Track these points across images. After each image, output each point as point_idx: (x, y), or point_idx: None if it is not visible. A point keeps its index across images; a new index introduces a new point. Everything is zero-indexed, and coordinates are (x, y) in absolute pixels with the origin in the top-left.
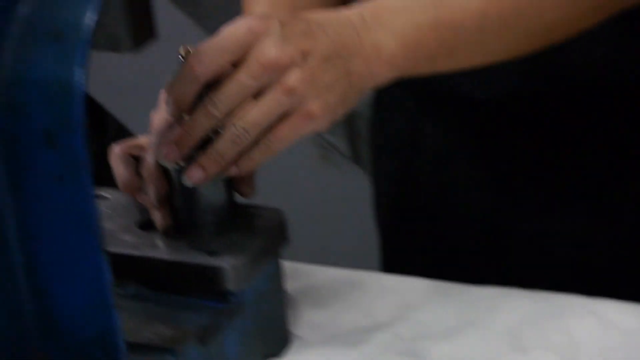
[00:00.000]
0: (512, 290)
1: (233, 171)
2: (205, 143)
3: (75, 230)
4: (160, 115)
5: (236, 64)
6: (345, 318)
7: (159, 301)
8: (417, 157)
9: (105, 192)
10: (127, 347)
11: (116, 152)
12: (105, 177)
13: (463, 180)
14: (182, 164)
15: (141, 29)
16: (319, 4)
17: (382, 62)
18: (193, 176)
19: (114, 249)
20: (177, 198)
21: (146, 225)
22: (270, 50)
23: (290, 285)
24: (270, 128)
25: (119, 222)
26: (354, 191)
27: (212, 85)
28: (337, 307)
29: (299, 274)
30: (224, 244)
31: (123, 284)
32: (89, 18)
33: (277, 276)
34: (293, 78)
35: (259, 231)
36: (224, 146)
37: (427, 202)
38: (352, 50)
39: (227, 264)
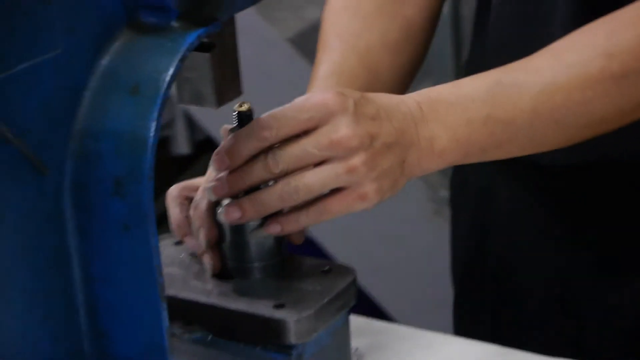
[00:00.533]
0: None
1: (275, 229)
2: (252, 190)
3: (137, 277)
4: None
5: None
6: None
7: (223, 348)
8: (491, 220)
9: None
10: None
11: (172, 194)
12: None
13: (536, 245)
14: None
15: (225, 90)
16: (387, 52)
17: (433, 155)
18: (230, 213)
19: (183, 294)
20: (226, 244)
21: (221, 273)
22: (342, 129)
23: (359, 340)
24: (318, 197)
25: (193, 269)
26: None
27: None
28: None
29: (370, 330)
30: (292, 297)
31: (190, 329)
32: (167, 74)
33: (342, 332)
34: (357, 159)
35: (328, 287)
36: (270, 198)
37: (498, 266)
38: (409, 141)
39: (290, 317)
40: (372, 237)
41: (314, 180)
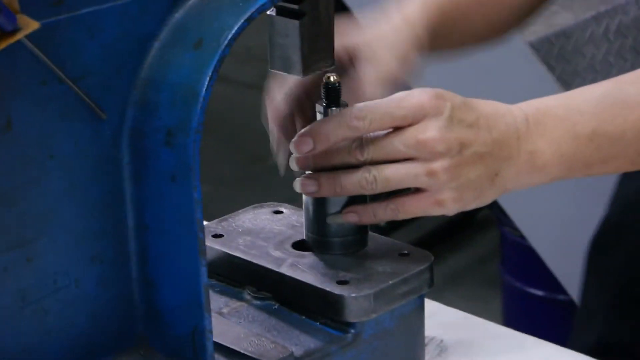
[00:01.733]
0: None
1: (353, 218)
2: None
3: (180, 229)
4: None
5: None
6: None
7: (285, 319)
8: None
9: (282, 207)
10: (221, 351)
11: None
12: None
13: None
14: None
15: (314, 60)
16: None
17: (533, 169)
18: (306, 186)
19: (257, 260)
20: (308, 217)
21: (300, 245)
22: (431, 131)
23: (448, 332)
24: (397, 193)
25: (277, 239)
26: None
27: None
28: None
29: (462, 324)
30: (359, 275)
31: (259, 295)
32: (230, 32)
33: (411, 318)
34: (439, 165)
35: (398, 270)
36: (348, 181)
37: None
38: (507, 154)
39: (349, 294)
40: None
41: (393, 174)
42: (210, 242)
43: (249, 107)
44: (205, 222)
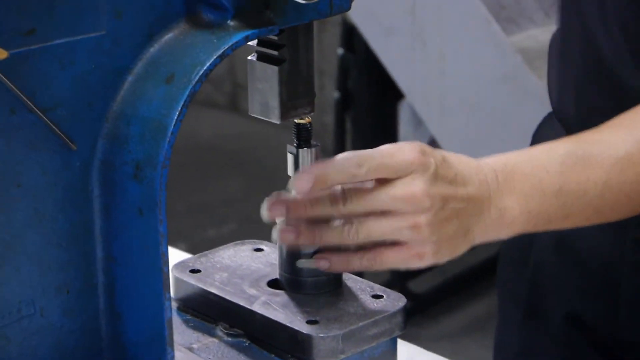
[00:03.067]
0: None
1: (324, 265)
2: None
3: (145, 263)
4: None
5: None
6: None
7: (254, 355)
8: None
9: (264, 245)
10: None
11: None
12: None
13: None
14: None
15: (293, 105)
16: None
17: (502, 225)
18: (284, 235)
19: (231, 297)
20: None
21: (275, 283)
22: (419, 185)
23: None
24: (374, 245)
25: (253, 276)
26: None
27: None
28: None
29: None
30: (330, 315)
31: (231, 332)
32: (202, 67)
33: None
34: (424, 219)
35: (370, 312)
36: (329, 232)
37: None
38: (479, 209)
39: (317, 334)
40: None
41: (376, 226)
42: (186, 277)
43: (276, 146)
44: (187, 257)
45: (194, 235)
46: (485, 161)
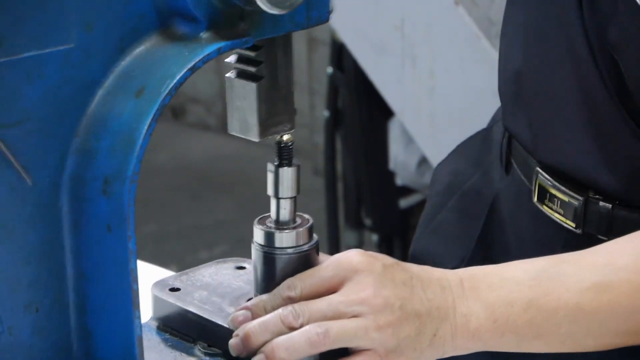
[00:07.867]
0: None
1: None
2: None
3: (115, 281)
4: None
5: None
6: None
7: None
8: None
9: (246, 263)
10: None
11: None
12: None
13: None
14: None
15: (272, 123)
16: None
17: (468, 333)
18: (234, 343)
19: (209, 316)
20: None
21: None
22: (368, 287)
23: None
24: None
25: (233, 295)
26: None
27: None
28: None
29: None
30: None
31: (210, 352)
32: (172, 80)
33: None
34: (384, 319)
35: None
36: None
37: None
38: (444, 314)
39: None
40: None
41: (339, 328)
42: (165, 296)
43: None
44: (168, 275)
45: (185, 256)
46: (453, 270)
